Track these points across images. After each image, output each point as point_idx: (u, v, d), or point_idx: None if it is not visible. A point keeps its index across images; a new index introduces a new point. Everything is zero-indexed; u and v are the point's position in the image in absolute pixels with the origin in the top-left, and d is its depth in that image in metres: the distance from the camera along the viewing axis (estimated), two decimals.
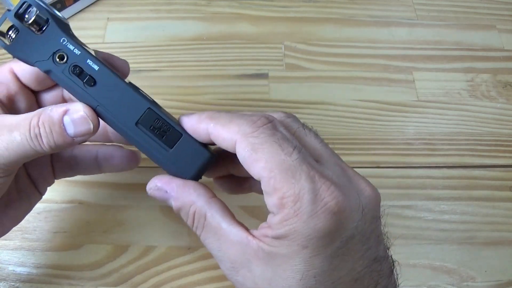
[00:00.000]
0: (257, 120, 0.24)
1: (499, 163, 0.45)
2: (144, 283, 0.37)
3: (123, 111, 0.26)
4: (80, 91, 0.26)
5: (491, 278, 0.39)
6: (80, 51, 0.26)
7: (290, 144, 0.23)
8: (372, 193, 0.25)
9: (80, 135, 0.25)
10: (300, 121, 0.27)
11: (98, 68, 0.26)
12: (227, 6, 0.54)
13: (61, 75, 0.26)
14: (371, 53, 0.52)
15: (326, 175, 0.23)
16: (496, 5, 0.56)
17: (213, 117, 0.25)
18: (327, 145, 0.26)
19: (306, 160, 0.23)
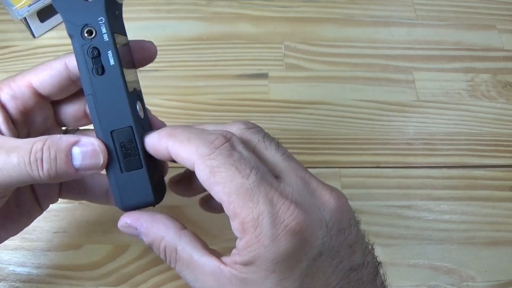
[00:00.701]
0: (214, 140, 0.23)
1: (499, 163, 0.45)
2: (144, 283, 0.37)
3: (108, 113, 0.26)
4: (84, 71, 0.26)
5: (491, 278, 0.39)
6: (109, 39, 0.26)
7: (248, 165, 0.23)
8: (336, 205, 0.24)
9: (85, 168, 0.25)
10: (262, 131, 0.26)
11: (113, 63, 0.26)
12: (227, 6, 0.54)
13: (79, 47, 0.26)
14: (371, 53, 0.52)
15: (286, 194, 0.23)
16: (496, 5, 0.56)
17: (172, 135, 0.24)
18: (290, 156, 0.25)
19: (265, 180, 0.23)
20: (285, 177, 0.24)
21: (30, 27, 0.49)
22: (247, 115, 0.46)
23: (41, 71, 0.27)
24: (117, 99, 0.26)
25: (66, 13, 0.26)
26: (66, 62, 0.27)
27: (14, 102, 0.27)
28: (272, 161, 0.25)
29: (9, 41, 0.50)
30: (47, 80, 0.27)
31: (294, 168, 0.24)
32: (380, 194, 0.43)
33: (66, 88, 0.28)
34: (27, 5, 0.47)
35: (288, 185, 0.23)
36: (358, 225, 0.25)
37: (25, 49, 0.50)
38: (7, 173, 0.24)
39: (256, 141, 0.25)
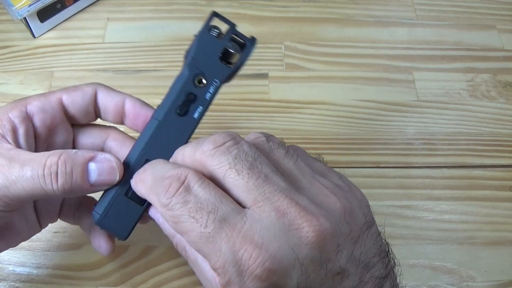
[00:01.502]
0: (169, 186, 0.22)
1: (499, 163, 0.45)
2: (144, 283, 0.37)
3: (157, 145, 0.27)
4: (169, 102, 0.27)
5: (491, 278, 0.39)
6: (209, 99, 0.27)
7: (205, 210, 0.22)
8: (316, 237, 0.21)
9: (100, 184, 0.25)
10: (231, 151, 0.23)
11: (196, 117, 0.27)
12: (227, 6, 0.54)
13: (181, 84, 0.27)
14: (371, 53, 0.52)
15: (250, 236, 0.21)
16: (496, 5, 0.56)
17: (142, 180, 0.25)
18: (267, 179, 0.23)
19: (226, 222, 0.21)
20: (258, 209, 0.22)
21: (30, 27, 0.49)
22: (247, 115, 0.46)
23: (73, 91, 0.28)
24: (173, 143, 0.26)
25: (199, 53, 0.27)
26: (96, 90, 0.28)
27: (43, 115, 0.27)
28: (245, 190, 0.22)
29: (9, 41, 0.50)
30: (77, 101, 0.28)
31: (270, 194, 0.22)
32: (380, 194, 0.43)
33: (89, 114, 0.29)
34: (27, 5, 0.47)
35: (256, 221, 0.22)
36: (353, 245, 0.23)
37: (25, 49, 0.50)
38: (21, 187, 0.24)
39: (227, 167, 0.23)
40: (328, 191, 0.24)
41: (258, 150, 0.24)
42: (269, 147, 0.25)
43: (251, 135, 0.26)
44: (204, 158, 0.23)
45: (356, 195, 0.26)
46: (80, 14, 0.52)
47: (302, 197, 0.23)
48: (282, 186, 0.22)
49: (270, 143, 0.25)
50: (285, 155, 0.25)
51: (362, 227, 0.24)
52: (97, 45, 0.50)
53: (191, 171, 0.23)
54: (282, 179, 0.23)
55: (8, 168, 0.24)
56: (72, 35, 0.51)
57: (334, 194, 0.24)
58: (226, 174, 0.23)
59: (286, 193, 0.22)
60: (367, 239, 0.24)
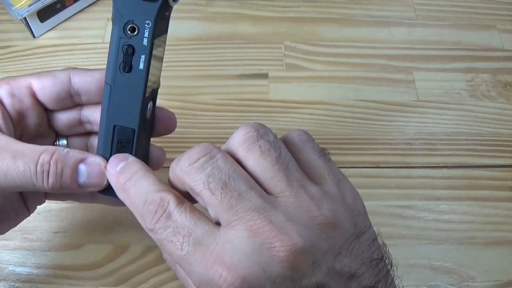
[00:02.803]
0: (153, 213, 0.23)
1: (499, 163, 0.45)
2: (144, 283, 0.37)
3: (118, 108, 0.26)
4: (112, 62, 0.26)
5: (491, 278, 0.39)
6: (147, 44, 0.25)
7: (181, 234, 0.22)
8: (287, 256, 0.21)
9: (88, 186, 0.25)
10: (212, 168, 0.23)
11: (141, 68, 0.26)
12: (227, 6, 0.54)
13: (116, 39, 0.25)
14: (371, 53, 0.52)
15: (221, 257, 0.21)
16: (496, 5, 0.56)
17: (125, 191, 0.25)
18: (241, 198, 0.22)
19: (200, 244, 0.22)
20: (231, 229, 0.22)
21: (30, 27, 0.49)
22: (247, 115, 0.46)
23: (44, 77, 0.27)
24: (131, 100, 0.26)
25: (118, 2, 0.25)
26: (71, 76, 0.28)
27: (11, 99, 0.27)
28: (218, 210, 0.23)
29: (9, 41, 0.50)
30: (48, 87, 0.27)
31: (243, 213, 0.22)
32: (380, 194, 0.43)
33: (63, 101, 0.28)
34: (27, 5, 0.47)
35: (228, 241, 0.22)
36: (334, 259, 0.23)
37: (25, 49, 0.50)
38: (11, 179, 0.24)
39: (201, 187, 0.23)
40: (312, 204, 0.23)
41: (234, 163, 0.23)
42: (259, 148, 0.24)
43: (242, 129, 0.24)
44: (181, 175, 0.23)
45: (347, 204, 0.25)
46: (80, 14, 0.52)
47: (277, 214, 0.22)
48: (256, 204, 0.22)
49: (261, 142, 0.24)
50: (276, 160, 0.23)
51: (348, 238, 0.23)
52: (97, 45, 0.50)
53: (172, 196, 0.23)
54: (257, 196, 0.22)
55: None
56: (72, 35, 0.51)
57: (317, 206, 0.23)
58: (200, 194, 0.23)
59: (260, 211, 0.22)
60: (353, 250, 0.23)
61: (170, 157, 0.29)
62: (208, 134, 0.45)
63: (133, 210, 0.25)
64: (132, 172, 0.25)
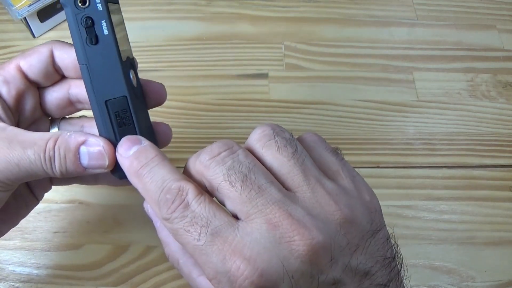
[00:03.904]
0: (171, 203, 0.23)
1: (499, 163, 0.45)
2: (144, 283, 0.37)
3: (102, 83, 0.26)
4: (78, 41, 0.25)
5: (491, 278, 0.39)
6: (103, 8, 0.25)
7: (198, 224, 0.22)
8: (306, 251, 0.21)
9: (93, 167, 0.25)
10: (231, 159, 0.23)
11: (107, 33, 0.25)
12: (227, 6, 0.54)
13: (73, 16, 0.25)
14: (371, 53, 0.52)
15: (240, 248, 0.21)
16: (496, 5, 0.56)
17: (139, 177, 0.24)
18: (263, 191, 0.22)
19: (218, 235, 0.22)
20: (250, 222, 0.22)
21: (30, 27, 0.49)
22: (247, 115, 0.46)
23: (29, 55, 0.27)
24: (111, 69, 0.26)
25: None
26: (52, 49, 0.28)
27: (6, 86, 0.27)
28: (238, 202, 0.22)
29: (9, 41, 0.50)
30: (34, 64, 0.27)
31: (263, 206, 0.22)
32: (380, 194, 0.42)
33: (51, 75, 0.28)
34: (27, 5, 0.47)
35: (246, 234, 0.22)
36: (351, 256, 0.23)
37: (25, 49, 0.50)
38: (24, 169, 0.24)
39: (221, 179, 0.23)
40: (330, 199, 0.23)
41: (254, 159, 0.24)
42: (276, 144, 0.24)
43: (258, 129, 0.25)
44: (201, 168, 0.23)
45: (364, 200, 0.25)
46: None
47: (297, 208, 0.22)
48: (276, 198, 0.22)
49: (277, 139, 0.24)
50: (292, 155, 0.24)
51: (365, 235, 0.23)
52: None
53: (191, 187, 0.23)
54: (277, 190, 0.23)
55: (9, 151, 0.24)
56: None
57: (335, 202, 0.23)
58: (220, 186, 0.23)
59: (279, 205, 0.22)
60: (369, 247, 0.23)
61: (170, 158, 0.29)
62: (208, 134, 0.45)
63: (146, 197, 0.24)
64: (147, 158, 0.24)
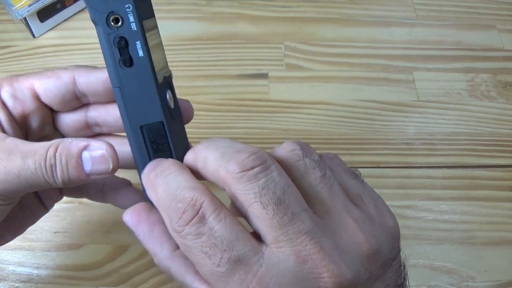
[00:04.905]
0: (182, 212, 0.21)
1: (499, 163, 0.45)
2: (144, 283, 0.37)
3: (137, 107, 0.24)
4: (110, 62, 0.24)
5: (491, 278, 0.39)
6: (137, 28, 0.24)
7: (219, 247, 0.20)
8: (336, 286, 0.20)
9: (96, 173, 0.24)
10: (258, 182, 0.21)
11: (142, 55, 0.24)
12: (227, 6, 0.54)
13: (105, 37, 0.24)
14: (371, 53, 0.52)
15: (265, 282, 0.20)
16: (496, 5, 0.56)
17: (153, 187, 0.23)
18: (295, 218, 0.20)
19: (241, 263, 0.20)
20: (276, 251, 0.20)
21: (30, 27, 0.49)
22: (247, 115, 0.46)
23: (47, 77, 0.26)
24: (146, 92, 0.24)
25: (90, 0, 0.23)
26: (75, 76, 0.26)
27: (13, 102, 0.26)
28: (267, 225, 0.20)
29: (9, 41, 0.50)
30: (50, 88, 0.26)
31: (293, 235, 0.20)
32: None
33: (69, 102, 0.27)
34: (27, 5, 0.47)
35: (272, 267, 0.20)
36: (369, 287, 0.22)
37: (25, 49, 0.50)
38: (24, 180, 0.23)
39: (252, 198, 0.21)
40: (357, 228, 0.22)
41: (288, 179, 0.22)
42: (305, 166, 0.22)
43: (287, 145, 0.23)
44: (228, 179, 0.21)
45: (388, 227, 0.24)
46: (80, 14, 0.52)
47: (326, 240, 0.21)
48: (307, 228, 0.20)
49: (306, 161, 0.23)
50: (321, 180, 0.22)
51: (384, 264, 0.22)
52: (97, 45, 0.49)
53: (207, 198, 0.21)
54: (309, 218, 0.21)
55: (8, 161, 0.23)
56: (72, 35, 0.51)
57: (362, 232, 0.22)
58: (250, 206, 0.21)
59: (311, 236, 0.20)
60: (386, 275, 0.23)
61: None
62: (208, 134, 0.45)
63: (159, 208, 0.23)
64: (163, 167, 0.23)
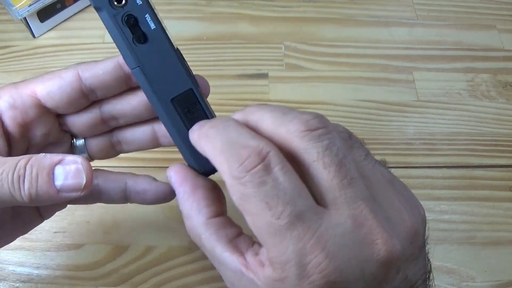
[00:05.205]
0: (245, 159, 0.20)
1: (499, 163, 0.45)
2: (144, 283, 0.37)
3: (162, 82, 0.24)
4: (124, 44, 0.23)
5: (491, 278, 0.39)
6: (143, 1, 0.23)
7: (282, 199, 0.19)
8: (386, 258, 0.20)
9: (67, 189, 0.23)
10: (327, 137, 0.21)
11: (154, 27, 0.23)
12: (227, 6, 0.54)
13: (111, 19, 0.23)
14: (371, 53, 0.52)
15: (323, 242, 0.19)
16: (496, 5, 0.56)
17: (208, 137, 0.22)
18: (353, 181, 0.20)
19: (301, 220, 0.19)
20: (335, 213, 0.20)
21: (30, 27, 0.49)
22: None
23: (49, 80, 0.25)
24: (168, 64, 0.24)
25: None
26: (79, 73, 0.25)
27: (13, 112, 0.24)
28: (326, 186, 0.20)
29: (9, 41, 0.50)
30: (54, 91, 0.25)
31: (352, 199, 0.20)
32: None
33: (77, 102, 0.26)
34: (27, 5, 0.47)
35: (331, 227, 0.20)
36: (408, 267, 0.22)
37: (25, 49, 0.50)
38: None
39: (315, 157, 0.20)
40: (400, 206, 0.22)
41: (347, 144, 0.22)
42: (351, 144, 0.23)
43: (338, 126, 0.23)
44: (290, 137, 0.21)
45: (420, 211, 0.24)
46: (80, 14, 0.53)
47: (379, 210, 0.21)
48: (364, 194, 0.20)
49: (353, 140, 0.23)
50: (365, 157, 0.23)
51: (421, 247, 0.23)
52: (97, 45, 0.50)
53: (274, 149, 0.20)
54: (365, 186, 0.21)
55: None
56: (72, 35, 0.51)
57: (406, 209, 0.22)
58: (312, 164, 0.20)
59: (366, 203, 0.20)
60: (420, 260, 0.23)
61: (170, 158, 0.29)
62: None
63: (212, 156, 0.21)
64: (218, 120, 0.22)
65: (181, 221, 0.27)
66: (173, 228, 0.40)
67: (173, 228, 0.40)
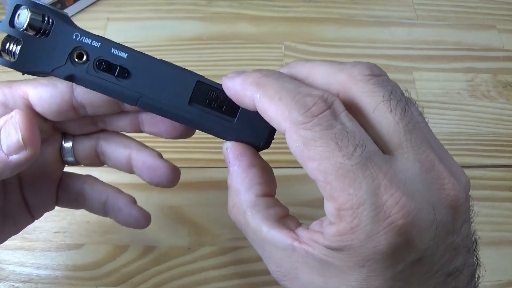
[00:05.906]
0: (311, 105, 0.19)
1: (499, 163, 0.45)
2: (144, 283, 0.37)
3: (169, 93, 0.23)
4: (114, 88, 0.22)
5: (491, 278, 0.39)
6: (100, 41, 0.22)
7: (352, 140, 0.19)
8: (454, 203, 0.20)
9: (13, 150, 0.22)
10: (389, 84, 0.21)
11: (126, 54, 0.22)
12: (227, 6, 0.54)
13: (87, 76, 0.22)
14: (371, 53, 0.52)
15: (397, 182, 0.18)
16: (496, 5, 0.56)
17: (260, 85, 0.21)
18: (417, 126, 0.20)
19: (372, 161, 0.19)
20: (401, 157, 0.19)
21: None
22: None
23: (42, 86, 0.24)
24: (162, 75, 0.23)
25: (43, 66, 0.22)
26: (73, 86, 0.24)
27: (3, 110, 0.24)
28: (391, 130, 0.20)
29: None
30: (45, 98, 0.24)
31: (417, 144, 0.20)
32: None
33: (65, 113, 0.25)
34: None
35: (401, 170, 0.19)
36: (470, 222, 0.22)
37: None
38: None
39: (381, 99, 0.20)
40: (455, 162, 0.21)
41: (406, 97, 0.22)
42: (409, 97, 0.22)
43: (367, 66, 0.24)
44: (353, 81, 0.21)
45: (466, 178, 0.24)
46: (80, 14, 0.53)
47: (446, 156, 0.20)
48: (428, 140, 0.20)
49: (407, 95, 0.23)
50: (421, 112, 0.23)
51: (469, 208, 0.22)
52: None
53: (337, 98, 0.20)
54: (429, 132, 0.21)
55: None
56: None
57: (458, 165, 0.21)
58: (378, 106, 0.20)
59: (431, 148, 0.20)
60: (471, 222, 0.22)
61: (171, 157, 0.29)
62: None
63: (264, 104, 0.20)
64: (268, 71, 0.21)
65: (181, 221, 0.27)
66: (173, 228, 0.40)
67: (173, 228, 0.40)
